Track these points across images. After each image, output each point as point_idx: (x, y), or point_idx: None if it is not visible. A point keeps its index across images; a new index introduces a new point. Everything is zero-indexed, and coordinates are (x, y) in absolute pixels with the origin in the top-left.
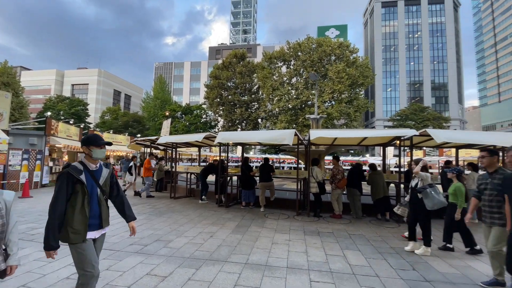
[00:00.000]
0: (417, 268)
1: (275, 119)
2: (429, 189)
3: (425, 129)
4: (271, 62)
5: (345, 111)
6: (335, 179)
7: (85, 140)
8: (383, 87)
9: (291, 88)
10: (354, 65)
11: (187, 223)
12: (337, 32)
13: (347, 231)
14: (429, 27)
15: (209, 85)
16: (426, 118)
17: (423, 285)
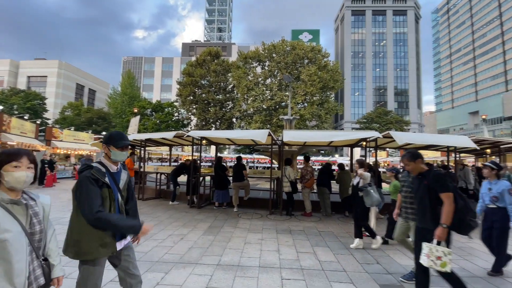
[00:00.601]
0: (381, 262)
1: (250, 119)
2: (369, 187)
3: (389, 132)
4: (246, 62)
5: (317, 113)
6: (304, 179)
7: (106, 138)
8: (351, 91)
9: (265, 89)
10: (325, 69)
11: (156, 226)
12: (310, 36)
13: (317, 228)
14: (393, 37)
15: (182, 82)
16: (389, 121)
17: (385, 277)
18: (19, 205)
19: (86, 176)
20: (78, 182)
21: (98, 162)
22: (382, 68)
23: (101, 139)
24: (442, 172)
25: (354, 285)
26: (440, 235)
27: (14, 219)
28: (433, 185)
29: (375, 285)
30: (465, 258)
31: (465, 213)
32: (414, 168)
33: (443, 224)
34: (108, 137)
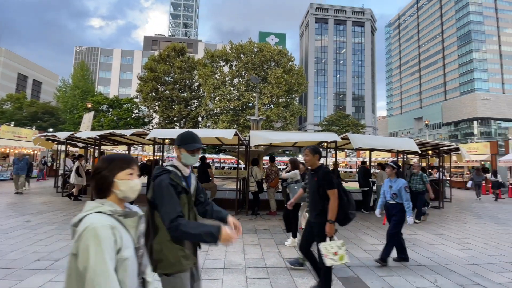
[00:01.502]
0: None
1: (217, 118)
2: (294, 184)
3: (346, 134)
4: (213, 60)
5: (282, 115)
6: (269, 179)
7: (178, 140)
8: (314, 95)
9: (233, 89)
10: (290, 72)
11: None
12: (276, 39)
13: (281, 227)
14: (352, 46)
15: (143, 78)
16: (348, 124)
17: (343, 270)
18: (131, 217)
19: (165, 181)
20: (157, 188)
21: (172, 166)
22: (342, 75)
23: (47, 136)
24: (329, 169)
25: (316, 280)
26: (329, 231)
27: (129, 234)
28: (321, 182)
29: (334, 277)
30: (411, 249)
31: (347, 207)
32: (310, 161)
33: (329, 220)
34: (180, 139)
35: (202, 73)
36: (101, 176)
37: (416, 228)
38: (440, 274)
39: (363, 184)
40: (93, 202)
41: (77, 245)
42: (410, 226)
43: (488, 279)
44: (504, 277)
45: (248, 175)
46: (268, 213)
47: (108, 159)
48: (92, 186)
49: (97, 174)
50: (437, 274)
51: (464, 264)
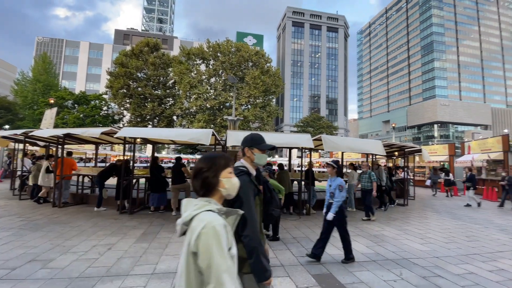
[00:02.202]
0: None
1: (192, 117)
2: None
3: (320, 136)
4: (189, 58)
5: (260, 115)
6: None
7: (249, 140)
8: (290, 96)
9: (210, 88)
10: (268, 74)
11: (77, 236)
12: (254, 40)
13: None
14: (327, 51)
15: (114, 73)
16: (322, 126)
17: (317, 267)
18: (232, 215)
19: (247, 183)
20: (241, 190)
21: (242, 166)
22: (317, 78)
23: (2, 135)
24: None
25: (290, 278)
26: None
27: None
28: None
29: (308, 275)
30: (379, 244)
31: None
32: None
33: None
34: (251, 140)
35: (178, 71)
36: (207, 176)
37: (383, 224)
38: (405, 267)
39: None
40: (199, 200)
41: (197, 244)
42: (378, 223)
43: (448, 270)
44: (461, 269)
45: None
46: None
47: (210, 158)
48: (196, 185)
49: (201, 174)
50: (402, 268)
51: (426, 257)
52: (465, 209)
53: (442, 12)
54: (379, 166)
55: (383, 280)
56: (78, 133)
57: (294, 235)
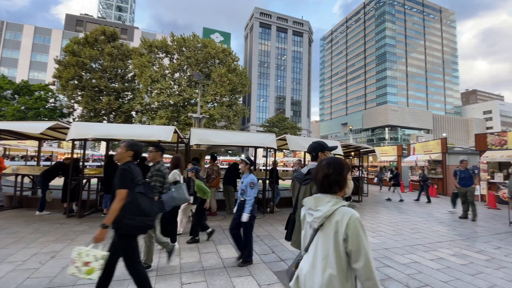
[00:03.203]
0: (276, 251)
1: (154, 114)
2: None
3: (285, 136)
4: (151, 51)
5: (226, 114)
6: (210, 178)
7: (319, 146)
8: (257, 97)
9: (173, 83)
10: (235, 72)
11: (14, 244)
12: (221, 37)
13: (221, 227)
14: (292, 54)
15: (64, 62)
16: (286, 127)
17: (279, 264)
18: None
19: None
20: None
21: None
22: (282, 80)
23: None
24: (127, 166)
25: (253, 277)
26: (97, 237)
27: None
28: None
29: (270, 273)
30: None
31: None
32: (120, 156)
33: (103, 224)
34: (320, 146)
35: (138, 63)
36: (339, 178)
37: None
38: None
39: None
40: (330, 198)
41: (346, 232)
42: None
43: (395, 260)
44: (407, 258)
45: (187, 175)
46: (208, 213)
47: (340, 164)
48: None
49: (339, 175)
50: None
51: (377, 249)
52: (411, 204)
53: (395, 26)
54: None
55: None
56: (15, 129)
57: (257, 233)
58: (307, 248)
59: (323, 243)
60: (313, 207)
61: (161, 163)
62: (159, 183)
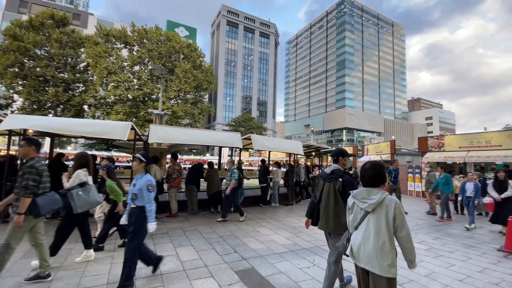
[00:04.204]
0: (238, 250)
1: (109, 108)
2: (76, 189)
3: (250, 135)
4: (108, 40)
5: (190, 112)
6: (171, 178)
7: (340, 153)
8: (224, 95)
9: (133, 76)
10: (200, 69)
11: None
12: (186, 32)
13: (182, 229)
14: (259, 55)
15: (2, 46)
16: (252, 127)
17: (241, 263)
18: None
19: (351, 180)
20: (349, 183)
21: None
22: (249, 80)
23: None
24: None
25: (214, 278)
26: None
27: None
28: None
29: (232, 272)
30: (297, 235)
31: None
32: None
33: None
34: (342, 152)
35: (93, 53)
36: (384, 175)
37: (301, 217)
38: (317, 254)
39: (262, 181)
40: (378, 189)
41: (395, 212)
42: (297, 215)
43: None
44: None
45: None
46: (168, 215)
47: (381, 165)
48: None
49: (382, 174)
50: (315, 255)
51: None
52: None
53: (353, 35)
54: (298, 163)
55: (299, 268)
56: None
57: (220, 233)
58: (357, 227)
59: (375, 221)
60: (366, 197)
61: (36, 159)
62: (32, 182)
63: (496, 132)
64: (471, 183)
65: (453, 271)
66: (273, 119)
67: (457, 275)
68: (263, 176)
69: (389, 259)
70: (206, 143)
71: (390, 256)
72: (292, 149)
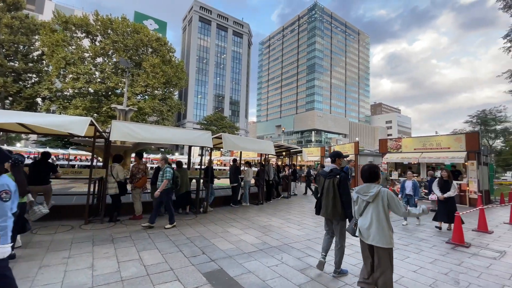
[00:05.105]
0: (206, 252)
1: (67, 102)
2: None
3: (221, 134)
4: (67, 28)
5: (158, 108)
6: (135, 178)
7: (337, 154)
8: (195, 93)
9: (95, 69)
10: (170, 64)
11: None
12: (156, 26)
13: (146, 231)
14: (232, 54)
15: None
16: (224, 126)
17: (209, 265)
18: None
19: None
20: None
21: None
22: (222, 78)
23: None
24: None
25: (180, 281)
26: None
27: None
28: None
29: (199, 275)
30: (266, 234)
31: None
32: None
33: None
34: (339, 154)
35: (49, 41)
36: (378, 173)
37: (271, 215)
38: (285, 252)
39: (233, 180)
40: (374, 184)
41: (388, 199)
42: (266, 214)
43: (316, 250)
44: None
45: (106, 175)
46: (132, 217)
47: (375, 166)
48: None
49: (376, 173)
50: (283, 252)
51: (301, 241)
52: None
53: (323, 41)
54: (268, 162)
55: (267, 266)
56: None
57: (188, 235)
58: (361, 214)
59: (374, 209)
60: (366, 191)
61: None
62: None
63: (445, 136)
64: (409, 182)
65: (408, 263)
66: (246, 118)
67: (411, 266)
68: (234, 176)
69: (387, 236)
70: (175, 142)
71: (388, 233)
72: (263, 149)
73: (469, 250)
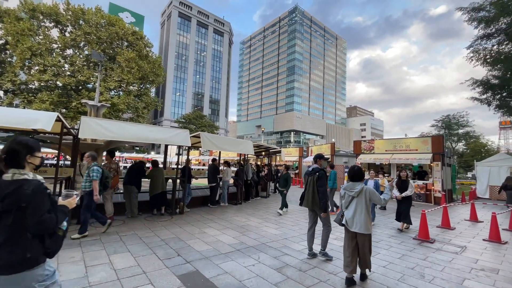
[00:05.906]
0: (181, 253)
1: (32, 96)
2: None
3: (199, 132)
4: (33, 16)
5: (133, 105)
6: None
7: (320, 156)
8: (173, 90)
9: (64, 61)
10: (146, 59)
11: None
12: (132, 19)
13: (118, 233)
14: (212, 52)
15: None
16: (204, 125)
17: (184, 267)
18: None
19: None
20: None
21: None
22: (201, 76)
23: None
24: None
25: (153, 285)
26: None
27: None
28: None
29: (174, 277)
30: (244, 234)
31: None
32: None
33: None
34: (321, 156)
35: (13, 29)
36: (362, 174)
37: (249, 215)
38: (262, 251)
39: (211, 180)
40: (359, 183)
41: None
42: (245, 214)
43: (292, 248)
44: (301, 245)
45: (74, 174)
46: None
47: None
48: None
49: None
50: (260, 252)
51: (278, 240)
52: None
53: (303, 43)
54: (247, 162)
55: (244, 266)
56: None
57: (163, 237)
58: (347, 207)
59: (358, 203)
60: (352, 188)
61: None
62: None
63: (414, 138)
64: (372, 181)
65: (378, 259)
66: (226, 118)
67: (381, 262)
68: (212, 176)
69: (368, 224)
70: (150, 141)
71: (369, 222)
72: (243, 150)
73: (433, 246)
